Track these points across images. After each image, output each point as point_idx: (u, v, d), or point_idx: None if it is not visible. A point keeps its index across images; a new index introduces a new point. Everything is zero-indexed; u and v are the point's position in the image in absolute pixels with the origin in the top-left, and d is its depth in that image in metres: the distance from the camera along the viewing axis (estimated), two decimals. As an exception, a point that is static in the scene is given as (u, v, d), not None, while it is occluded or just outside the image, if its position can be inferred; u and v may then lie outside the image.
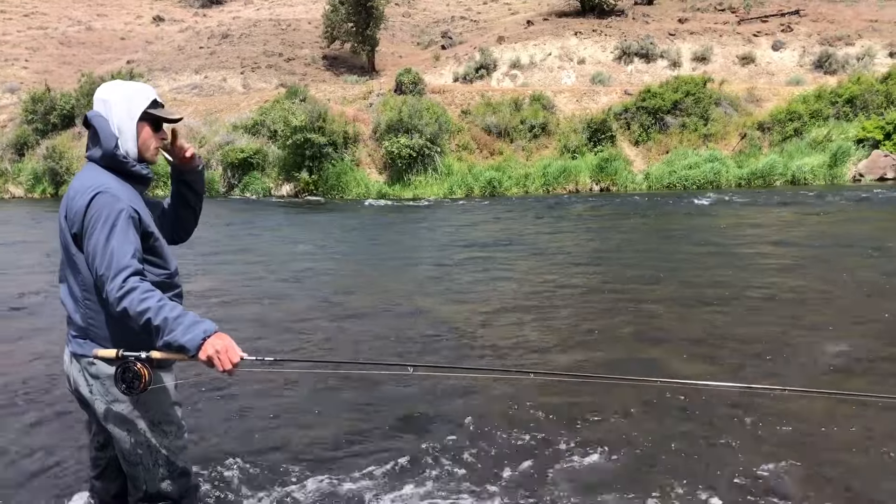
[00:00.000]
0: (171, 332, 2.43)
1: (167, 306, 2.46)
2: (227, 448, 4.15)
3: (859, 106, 24.30)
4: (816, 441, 4.10)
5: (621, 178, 23.31)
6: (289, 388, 5.05)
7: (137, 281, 2.47)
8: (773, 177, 22.73)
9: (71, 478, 3.81)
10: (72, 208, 2.63)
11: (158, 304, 2.44)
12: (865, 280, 8.33)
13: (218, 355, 2.43)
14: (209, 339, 2.44)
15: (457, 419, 4.33)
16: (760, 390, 4.40)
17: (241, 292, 8.64)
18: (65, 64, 41.44)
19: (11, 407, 4.91)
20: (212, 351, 2.43)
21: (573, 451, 4.00)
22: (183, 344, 2.43)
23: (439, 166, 23.59)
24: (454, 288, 8.65)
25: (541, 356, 5.66)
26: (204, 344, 2.43)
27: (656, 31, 34.77)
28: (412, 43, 43.46)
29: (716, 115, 25.22)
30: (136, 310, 2.42)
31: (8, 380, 5.48)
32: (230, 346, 2.46)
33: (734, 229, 13.19)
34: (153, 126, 2.79)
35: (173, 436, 2.83)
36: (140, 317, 2.43)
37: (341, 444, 4.15)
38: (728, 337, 6.21)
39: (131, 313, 2.44)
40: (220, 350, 2.43)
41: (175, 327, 2.43)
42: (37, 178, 27.39)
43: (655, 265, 9.88)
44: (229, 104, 29.03)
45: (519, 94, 27.01)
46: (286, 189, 24.17)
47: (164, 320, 2.43)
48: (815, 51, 32.27)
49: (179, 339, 2.43)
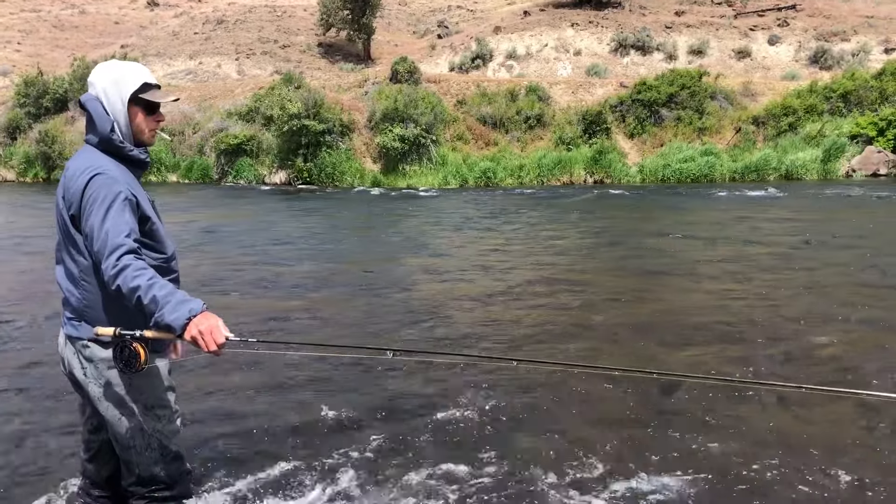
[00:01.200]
0: (160, 311, 2.42)
1: (157, 284, 2.44)
2: (205, 430, 4.20)
3: (853, 102, 24.37)
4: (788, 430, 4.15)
5: (615, 171, 23.34)
6: (273, 369, 5.08)
7: (131, 259, 2.46)
8: (766, 171, 22.79)
9: (63, 460, 3.81)
10: (69, 189, 2.62)
11: (149, 283, 2.43)
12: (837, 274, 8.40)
13: (202, 336, 2.41)
14: (195, 318, 2.42)
15: (435, 404, 4.37)
16: (738, 384, 4.46)
17: (231, 276, 8.63)
18: (58, 48, 41.16)
19: (4, 390, 4.90)
20: (195, 331, 2.41)
21: (553, 442, 4.03)
22: (169, 323, 2.42)
23: (434, 156, 23.57)
24: (443, 275, 8.67)
25: (522, 343, 5.72)
26: (189, 323, 2.42)
27: (653, 24, 34.73)
28: (408, 32, 43.31)
29: (711, 109, 25.25)
30: (128, 286, 2.42)
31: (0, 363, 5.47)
32: (215, 327, 2.43)
33: (723, 224, 13.25)
34: (146, 109, 2.76)
35: (166, 420, 2.84)
36: (132, 294, 2.43)
37: (320, 427, 4.20)
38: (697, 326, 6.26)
39: (124, 291, 2.43)
40: (205, 330, 2.41)
41: (163, 306, 2.42)
42: (29, 162, 27.23)
43: (637, 256, 9.92)
44: (224, 90, 28.90)
45: (515, 85, 26.97)
46: (280, 177, 24.09)
47: (153, 298, 2.42)
48: (811, 46, 32.31)
49: (166, 317, 2.41)
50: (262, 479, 3.65)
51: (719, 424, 4.22)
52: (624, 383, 4.82)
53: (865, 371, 5.15)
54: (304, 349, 2.88)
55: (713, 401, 4.57)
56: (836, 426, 4.17)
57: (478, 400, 4.47)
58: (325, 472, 3.73)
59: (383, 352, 2.81)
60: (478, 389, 4.63)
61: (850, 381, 4.82)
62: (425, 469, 3.69)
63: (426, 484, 3.56)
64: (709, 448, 3.95)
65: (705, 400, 4.60)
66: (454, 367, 4.83)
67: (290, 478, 3.67)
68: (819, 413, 4.36)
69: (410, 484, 3.53)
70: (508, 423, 4.18)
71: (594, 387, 4.74)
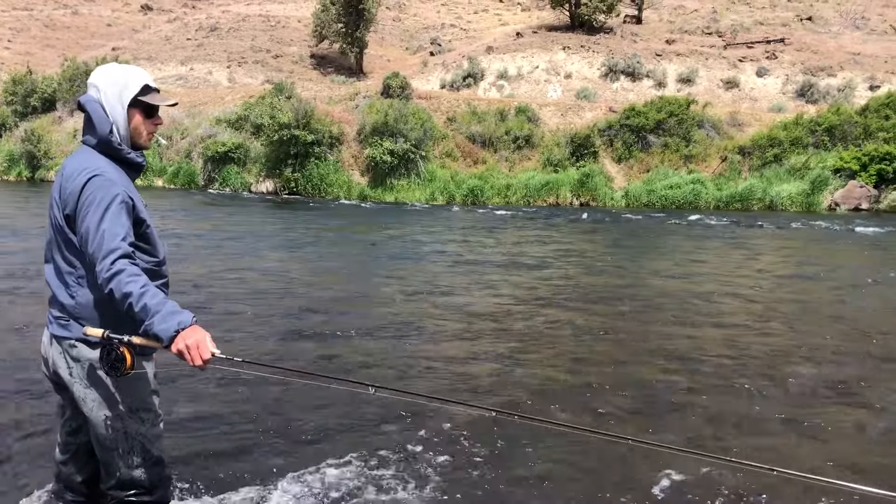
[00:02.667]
0: (150, 320, 2.42)
1: (149, 293, 2.44)
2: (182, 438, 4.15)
3: (838, 136, 24.74)
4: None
5: (601, 194, 23.49)
6: (254, 386, 5.02)
7: (126, 263, 2.46)
8: (751, 201, 23.03)
9: (38, 461, 3.74)
10: (66, 189, 2.61)
11: (141, 290, 2.43)
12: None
13: (188, 350, 2.42)
14: (183, 331, 2.42)
15: (407, 441, 4.24)
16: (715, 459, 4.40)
17: (219, 285, 8.56)
18: (48, 47, 40.98)
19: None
20: (182, 345, 2.41)
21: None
22: (157, 333, 2.42)
23: (422, 172, 23.62)
24: (430, 298, 8.64)
25: (501, 388, 5.39)
26: (177, 336, 2.42)
27: (643, 51, 35.12)
28: (401, 47, 43.52)
29: (698, 137, 25.52)
30: (121, 291, 2.43)
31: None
32: (202, 342, 2.44)
33: (701, 252, 13.34)
34: (145, 112, 2.76)
35: (150, 423, 2.81)
36: (124, 299, 2.43)
37: (295, 447, 4.14)
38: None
39: (116, 295, 2.44)
40: (192, 345, 2.41)
41: (153, 315, 2.42)
42: (13, 160, 26.99)
43: (618, 282, 9.95)
44: (214, 97, 28.85)
45: (505, 105, 27.14)
46: (266, 185, 24.03)
47: (144, 307, 2.42)
48: (798, 79, 32.78)
49: (155, 327, 2.42)
50: (237, 488, 3.60)
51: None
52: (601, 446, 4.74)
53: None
54: (289, 374, 2.82)
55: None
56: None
57: (439, 435, 4.36)
58: (302, 480, 3.71)
59: (366, 387, 2.82)
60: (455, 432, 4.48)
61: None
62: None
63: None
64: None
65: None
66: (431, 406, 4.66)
67: (264, 486, 3.64)
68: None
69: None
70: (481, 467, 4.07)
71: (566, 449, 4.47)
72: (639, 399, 5.17)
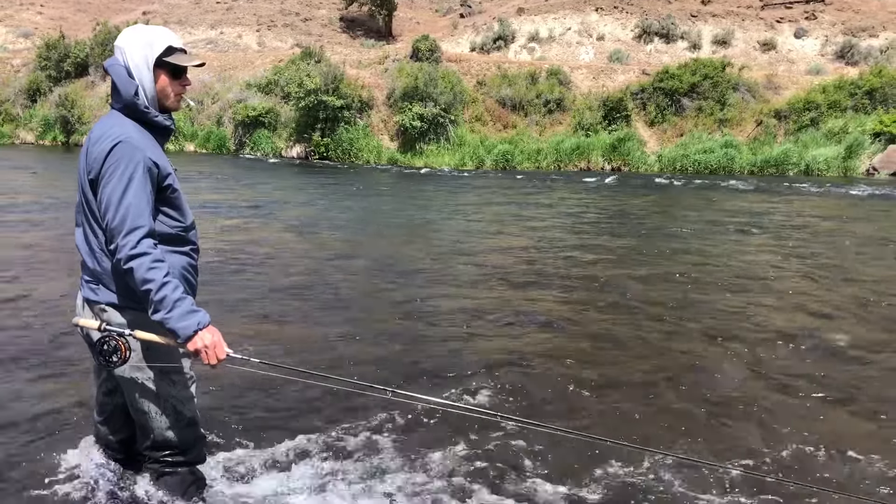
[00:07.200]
0: (169, 313, 2.48)
1: (170, 284, 2.49)
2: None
3: (878, 99, 24.05)
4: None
5: (634, 159, 23.21)
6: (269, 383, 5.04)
7: (150, 246, 2.50)
8: (786, 166, 22.59)
9: (78, 422, 3.84)
10: (92, 153, 2.60)
11: (163, 280, 2.47)
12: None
13: (206, 349, 2.52)
14: (201, 331, 2.52)
15: (417, 447, 3.88)
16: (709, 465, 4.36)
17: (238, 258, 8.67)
18: (80, 11, 41.13)
19: (21, 353, 4.95)
20: (201, 344, 2.51)
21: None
22: (175, 329, 2.50)
23: (452, 137, 23.49)
24: (448, 280, 8.62)
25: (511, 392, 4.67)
26: (195, 336, 2.51)
27: (678, 12, 34.35)
28: (430, 9, 43.01)
29: (733, 101, 25.00)
30: (141, 276, 2.46)
31: (17, 330, 5.52)
32: (218, 343, 2.55)
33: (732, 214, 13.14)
34: (171, 73, 2.71)
35: (181, 385, 2.86)
36: (143, 283, 2.47)
37: (301, 450, 3.85)
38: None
39: (136, 276, 2.47)
40: (209, 345, 2.52)
41: (172, 309, 2.48)
42: (48, 125, 27.34)
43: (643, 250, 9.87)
44: (244, 61, 28.85)
45: (536, 68, 26.77)
46: (296, 150, 24.10)
47: (164, 298, 2.47)
48: (838, 41, 31.87)
49: (174, 323, 2.49)
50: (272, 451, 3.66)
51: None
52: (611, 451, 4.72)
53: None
54: (304, 376, 2.80)
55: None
56: None
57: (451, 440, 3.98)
58: (331, 447, 3.76)
59: (383, 391, 2.86)
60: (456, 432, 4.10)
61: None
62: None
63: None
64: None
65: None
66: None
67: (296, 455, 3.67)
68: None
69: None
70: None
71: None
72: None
